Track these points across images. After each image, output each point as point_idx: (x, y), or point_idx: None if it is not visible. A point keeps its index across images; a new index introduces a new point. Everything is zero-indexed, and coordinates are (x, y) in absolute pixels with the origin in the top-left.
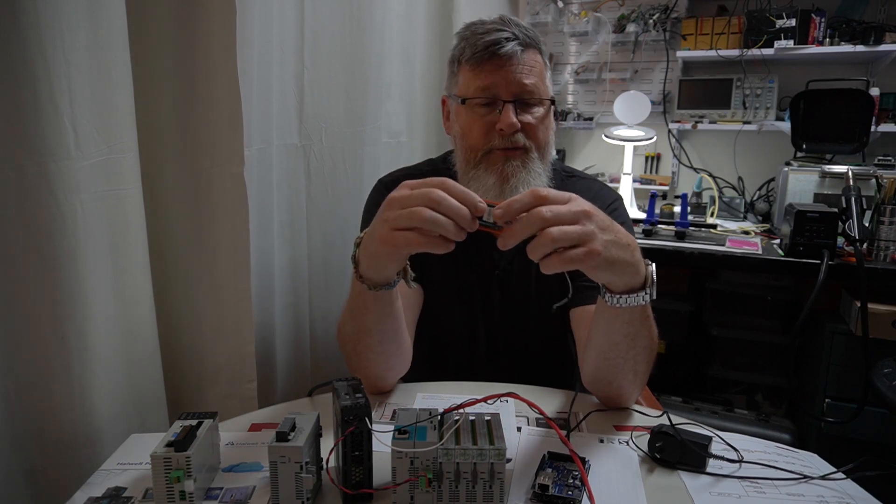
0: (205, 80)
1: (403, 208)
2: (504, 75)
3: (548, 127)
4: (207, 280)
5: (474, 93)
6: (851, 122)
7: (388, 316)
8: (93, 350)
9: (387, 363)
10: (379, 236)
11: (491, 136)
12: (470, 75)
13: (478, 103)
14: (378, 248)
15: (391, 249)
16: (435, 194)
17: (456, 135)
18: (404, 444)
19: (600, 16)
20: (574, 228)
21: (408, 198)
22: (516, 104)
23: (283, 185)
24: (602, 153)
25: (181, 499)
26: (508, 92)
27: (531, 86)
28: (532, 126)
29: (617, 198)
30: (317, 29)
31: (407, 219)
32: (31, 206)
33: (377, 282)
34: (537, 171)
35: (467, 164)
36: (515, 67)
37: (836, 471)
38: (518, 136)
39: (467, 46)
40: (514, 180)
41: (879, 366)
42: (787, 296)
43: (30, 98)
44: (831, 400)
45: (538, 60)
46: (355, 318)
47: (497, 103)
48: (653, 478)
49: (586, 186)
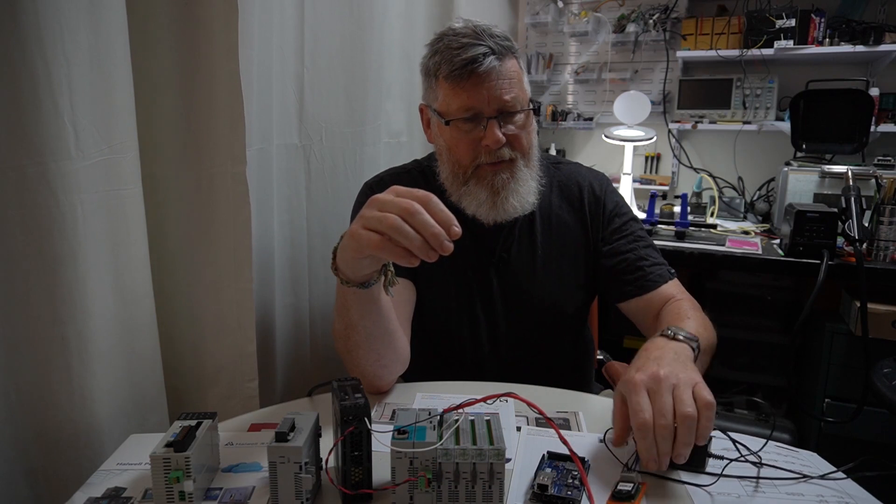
0: (206, 80)
1: (380, 211)
2: (486, 91)
3: (530, 132)
4: (208, 280)
5: (457, 112)
6: (851, 122)
7: (372, 313)
8: (93, 350)
9: (379, 361)
10: (350, 230)
11: (477, 153)
12: (450, 93)
13: (461, 120)
14: (346, 242)
15: (356, 245)
16: (411, 206)
17: (441, 148)
18: (404, 445)
19: (600, 16)
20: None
21: (386, 202)
22: (499, 118)
23: (283, 185)
24: (602, 153)
25: (180, 499)
26: (491, 108)
27: (512, 99)
28: (516, 137)
29: (606, 178)
30: (317, 29)
31: (377, 221)
32: (31, 206)
33: (350, 278)
34: (525, 178)
35: (456, 178)
36: (495, 84)
37: (836, 470)
38: (504, 151)
39: (443, 62)
40: (504, 192)
41: (879, 366)
42: (787, 296)
43: (30, 98)
44: (831, 400)
45: (515, 68)
46: (340, 313)
47: (481, 119)
48: (652, 477)
49: (574, 171)
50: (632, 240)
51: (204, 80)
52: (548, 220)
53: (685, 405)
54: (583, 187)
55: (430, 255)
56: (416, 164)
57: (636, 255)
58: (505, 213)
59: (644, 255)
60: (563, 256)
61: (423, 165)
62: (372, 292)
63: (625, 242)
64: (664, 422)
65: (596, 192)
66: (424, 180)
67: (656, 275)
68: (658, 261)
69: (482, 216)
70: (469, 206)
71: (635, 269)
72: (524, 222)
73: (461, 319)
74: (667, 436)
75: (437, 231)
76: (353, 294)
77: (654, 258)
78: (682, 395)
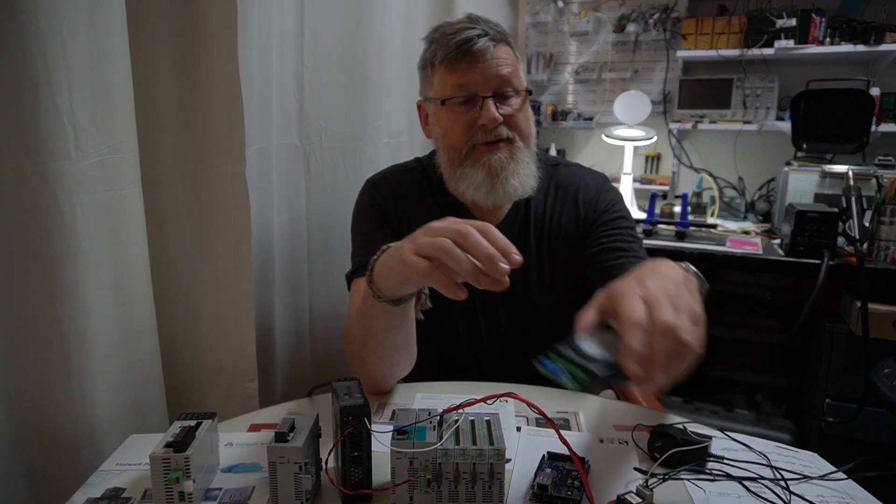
0: (206, 80)
1: (433, 237)
2: (480, 71)
3: (528, 117)
4: (208, 280)
5: (451, 91)
6: (851, 121)
7: (396, 327)
8: (93, 350)
9: (391, 368)
10: (400, 255)
11: (473, 133)
12: (445, 75)
13: (457, 102)
14: (394, 264)
15: (405, 272)
16: (464, 229)
17: (437, 137)
18: (403, 445)
19: (600, 15)
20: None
21: (440, 228)
22: (495, 98)
23: (283, 185)
24: (602, 153)
25: (180, 499)
26: (487, 87)
27: (508, 75)
28: (513, 117)
29: (605, 178)
30: (317, 29)
31: (429, 246)
32: (31, 206)
33: (385, 294)
34: (525, 160)
35: (452, 163)
36: (490, 62)
37: (836, 470)
38: (501, 129)
39: (439, 48)
40: (504, 173)
41: (879, 366)
42: (787, 296)
43: (30, 98)
44: (831, 400)
45: (510, 54)
46: (362, 320)
47: (476, 100)
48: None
49: (572, 172)
50: (616, 235)
51: (204, 80)
52: (544, 221)
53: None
54: (579, 187)
55: (479, 281)
56: (417, 161)
57: (615, 246)
58: (505, 195)
59: (625, 248)
60: (559, 258)
61: (424, 164)
62: (403, 309)
63: (609, 236)
64: (664, 317)
65: (591, 192)
66: (425, 178)
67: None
68: (642, 254)
69: (480, 199)
70: (466, 189)
71: (613, 257)
72: (521, 223)
73: (462, 320)
74: (668, 335)
75: (491, 252)
76: (383, 309)
77: (637, 252)
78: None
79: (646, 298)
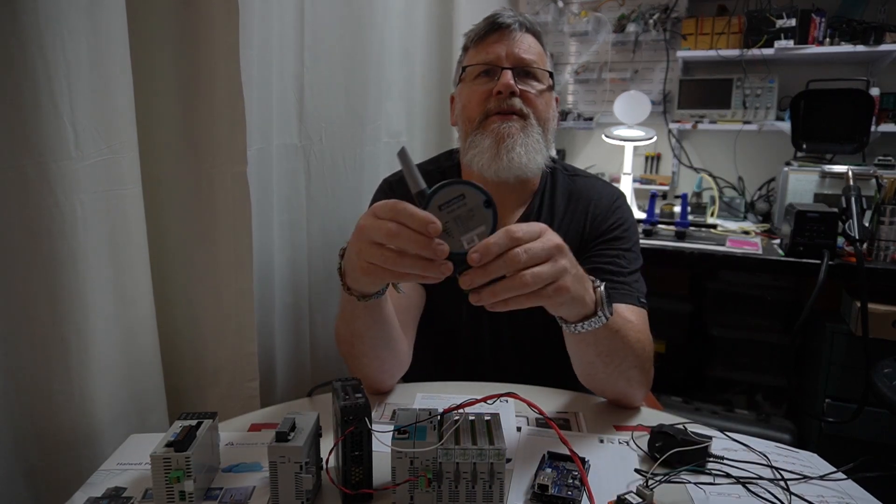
0: (207, 80)
1: (360, 242)
2: (505, 46)
3: (548, 103)
4: (208, 280)
5: (474, 64)
6: (851, 122)
7: (378, 322)
8: (93, 350)
9: (381, 367)
10: (358, 267)
11: (488, 101)
12: (473, 52)
13: (478, 74)
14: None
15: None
16: (388, 229)
17: (458, 116)
18: (404, 444)
19: (600, 16)
20: (546, 269)
21: (369, 229)
22: (515, 72)
23: (283, 184)
24: (602, 153)
25: (181, 499)
26: (508, 60)
27: (530, 60)
28: (530, 95)
29: (620, 195)
30: (317, 29)
31: (368, 255)
32: (31, 206)
33: (365, 293)
34: (536, 137)
35: (466, 135)
36: (515, 41)
37: (836, 471)
38: (515, 101)
39: (473, 31)
40: (510, 140)
41: (879, 366)
42: (787, 296)
43: (30, 98)
44: (831, 400)
45: (538, 45)
46: (347, 323)
47: (496, 72)
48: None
49: (590, 185)
50: (611, 257)
51: (204, 81)
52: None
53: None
54: (592, 200)
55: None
56: (435, 164)
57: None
58: (509, 165)
59: (615, 272)
60: None
61: (443, 166)
62: (379, 303)
63: (605, 256)
64: (535, 251)
65: (602, 207)
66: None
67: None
68: (630, 282)
69: (484, 169)
70: (473, 158)
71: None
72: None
73: (465, 321)
74: (510, 263)
75: (421, 240)
76: (364, 306)
77: (627, 279)
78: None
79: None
